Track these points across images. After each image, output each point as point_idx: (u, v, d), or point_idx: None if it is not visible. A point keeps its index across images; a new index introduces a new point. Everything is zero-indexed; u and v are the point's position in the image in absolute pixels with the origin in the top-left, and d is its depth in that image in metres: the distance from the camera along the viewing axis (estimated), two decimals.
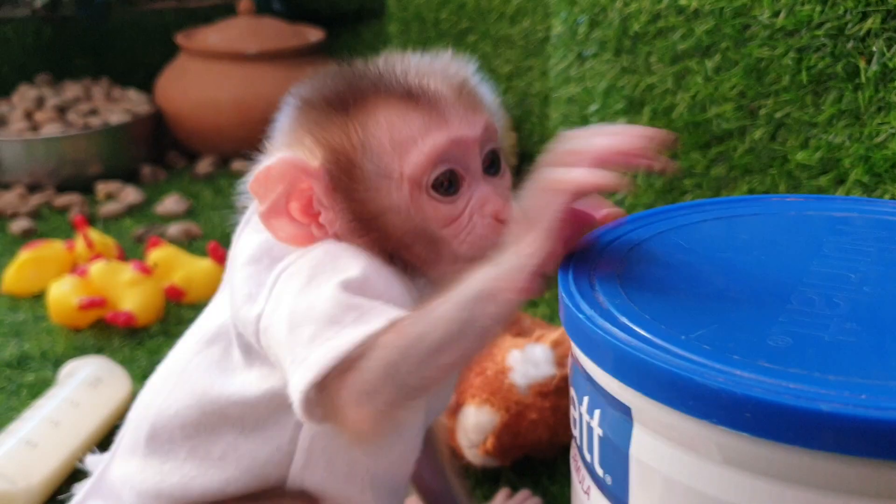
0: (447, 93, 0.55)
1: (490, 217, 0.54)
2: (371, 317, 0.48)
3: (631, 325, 0.39)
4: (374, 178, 0.53)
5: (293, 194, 0.54)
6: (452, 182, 0.54)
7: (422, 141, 0.53)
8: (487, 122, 0.55)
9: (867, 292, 0.41)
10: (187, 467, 0.57)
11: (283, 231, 0.54)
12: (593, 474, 0.42)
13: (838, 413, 0.31)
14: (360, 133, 0.53)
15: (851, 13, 0.78)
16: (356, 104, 0.54)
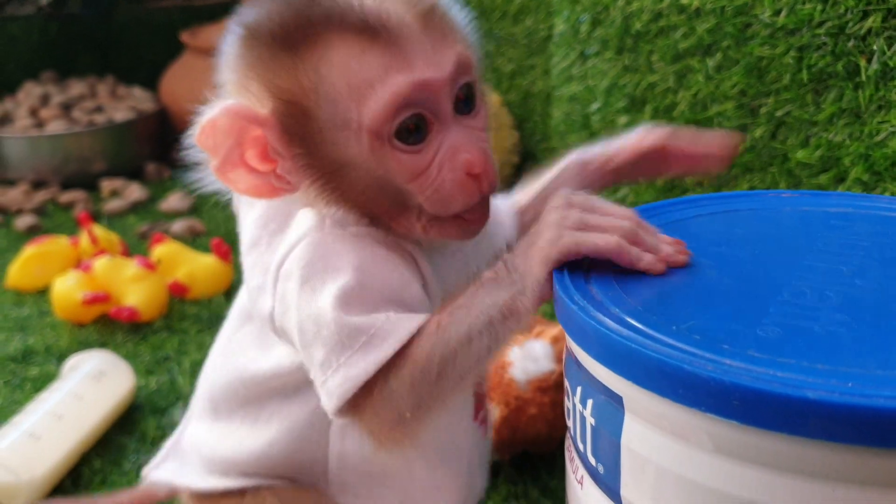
0: (411, 23, 0.48)
1: (461, 170, 0.49)
2: (379, 340, 0.47)
3: (623, 316, 0.39)
4: (329, 128, 0.48)
5: (245, 143, 0.50)
6: (419, 127, 0.48)
7: (381, 85, 0.47)
8: (459, 56, 0.49)
9: (859, 285, 0.41)
10: (240, 431, 0.59)
11: (241, 183, 0.51)
12: (586, 463, 0.43)
13: (825, 401, 0.31)
14: (312, 77, 0.47)
15: (852, 12, 0.78)
16: (306, 41, 0.48)
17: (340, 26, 0.47)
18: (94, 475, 0.84)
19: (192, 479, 0.61)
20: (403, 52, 0.47)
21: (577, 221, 0.44)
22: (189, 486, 0.61)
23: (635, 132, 0.62)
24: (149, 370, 1.03)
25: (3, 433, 0.82)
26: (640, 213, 0.51)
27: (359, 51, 0.47)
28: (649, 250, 0.44)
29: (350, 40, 0.47)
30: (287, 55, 0.48)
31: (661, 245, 0.44)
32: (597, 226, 0.44)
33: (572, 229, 0.44)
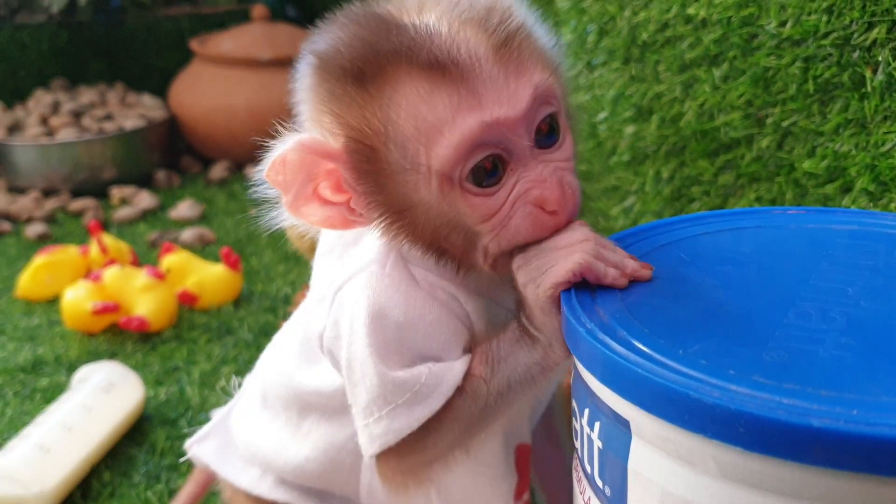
0: (484, 56, 0.45)
1: (533, 205, 0.46)
2: (423, 396, 0.48)
3: (630, 339, 0.39)
4: (398, 170, 0.46)
5: (318, 176, 0.49)
6: (496, 167, 0.46)
7: (449, 128, 0.44)
8: (538, 87, 0.46)
9: (864, 307, 0.41)
10: (283, 433, 0.60)
11: (314, 216, 0.50)
12: (593, 485, 0.43)
13: (829, 428, 0.31)
14: (381, 118, 0.46)
15: (857, 23, 0.78)
16: (375, 78, 0.46)
17: (409, 63, 0.45)
18: (104, 487, 0.84)
19: (235, 472, 0.62)
20: (473, 89, 0.44)
21: (542, 264, 0.46)
22: (231, 479, 0.63)
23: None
24: (158, 381, 1.04)
25: (13, 445, 0.83)
26: (646, 232, 0.52)
27: (427, 90, 0.45)
28: (614, 266, 0.45)
29: (418, 79, 0.45)
30: (357, 91, 0.46)
31: (624, 261, 0.46)
32: (558, 257, 0.45)
33: (541, 273, 0.45)
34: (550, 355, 0.47)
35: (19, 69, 1.96)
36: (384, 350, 0.49)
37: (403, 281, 0.50)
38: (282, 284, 1.30)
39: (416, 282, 0.51)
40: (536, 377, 0.48)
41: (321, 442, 0.58)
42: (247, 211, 0.60)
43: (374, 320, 0.49)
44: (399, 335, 0.49)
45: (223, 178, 1.80)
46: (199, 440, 0.66)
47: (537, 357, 0.47)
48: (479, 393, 0.48)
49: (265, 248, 1.44)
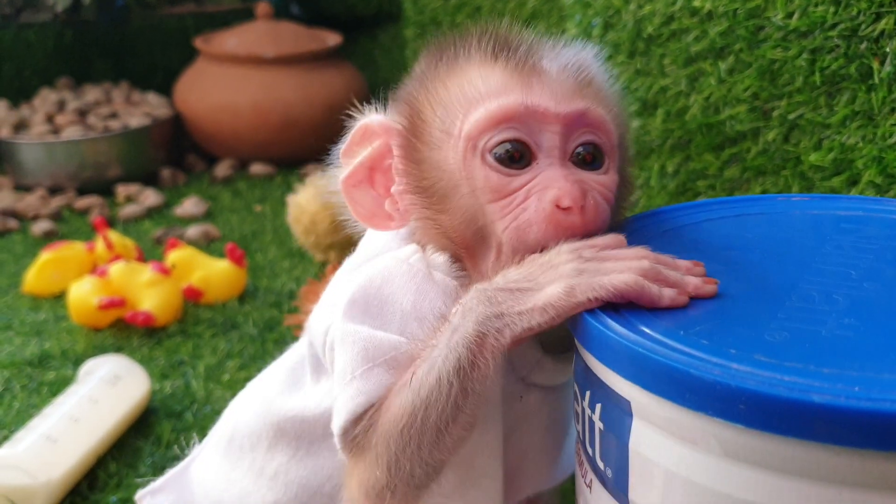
0: (546, 64, 0.48)
1: (548, 201, 0.45)
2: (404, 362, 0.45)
3: (631, 320, 0.39)
4: (436, 133, 0.48)
5: (378, 162, 0.51)
6: (523, 156, 0.46)
7: (490, 99, 0.47)
8: (588, 109, 0.47)
9: (867, 288, 0.41)
10: (245, 482, 0.57)
11: (362, 205, 0.51)
12: (595, 468, 0.43)
13: (830, 404, 0.31)
14: (439, 88, 0.49)
15: (865, 14, 0.78)
16: (447, 62, 0.50)
17: (477, 51, 0.49)
18: (110, 478, 0.84)
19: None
20: (526, 79, 0.47)
21: (592, 269, 0.42)
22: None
23: None
24: (164, 374, 1.04)
25: (21, 436, 0.83)
26: (649, 218, 0.52)
27: (486, 69, 0.48)
28: (673, 285, 0.42)
29: (481, 62, 0.49)
30: (429, 75, 0.50)
31: (686, 279, 0.42)
32: (612, 268, 0.42)
33: (587, 276, 0.42)
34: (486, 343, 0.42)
35: (25, 68, 1.97)
36: (379, 322, 0.47)
37: (420, 273, 0.49)
38: (286, 280, 1.30)
39: (433, 279, 0.49)
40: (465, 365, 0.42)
41: (293, 486, 0.55)
42: (251, 208, 0.60)
43: (376, 296, 0.48)
44: (402, 322, 0.47)
45: (228, 175, 1.81)
46: (152, 492, 0.63)
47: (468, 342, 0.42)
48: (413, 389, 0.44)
49: (270, 245, 1.44)
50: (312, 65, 1.86)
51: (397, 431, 0.44)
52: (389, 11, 2.04)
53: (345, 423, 0.46)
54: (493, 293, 0.43)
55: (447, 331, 0.43)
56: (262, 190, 1.73)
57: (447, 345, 0.43)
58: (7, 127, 1.76)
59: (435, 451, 0.44)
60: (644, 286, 0.41)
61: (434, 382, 0.42)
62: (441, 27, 1.72)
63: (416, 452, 0.44)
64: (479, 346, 0.42)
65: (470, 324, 0.42)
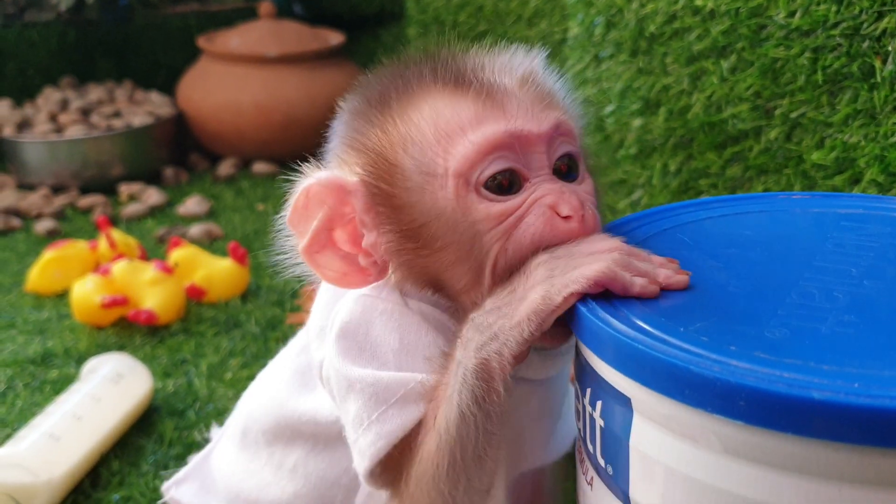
0: (508, 83, 0.47)
1: (547, 208, 0.45)
2: (415, 397, 0.46)
3: (632, 318, 0.39)
4: (415, 176, 0.46)
5: (336, 221, 0.48)
6: (513, 183, 0.46)
7: (472, 131, 0.45)
8: (559, 121, 0.47)
9: (867, 286, 0.41)
10: (264, 472, 0.57)
11: (329, 268, 0.49)
12: (596, 465, 0.43)
13: (830, 401, 0.31)
14: (401, 127, 0.46)
15: (867, 13, 0.78)
16: (400, 98, 0.47)
17: (434, 81, 0.47)
18: (113, 476, 0.85)
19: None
20: (499, 104, 0.46)
21: (563, 265, 0.43)
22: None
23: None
24: (166, 373, 1.04)
25: (23, 434, 0.83)
26: (650, 216, 0.52)
27: (451, 100, 0.46)
28: (644, 275, 0.42)
29: (443, 92, 0.47)
30: (380, 113, 0.48)
31: (656, 270, 0.43)
32: (584, 260, 0.42)
33: (560, 274, 0.42)
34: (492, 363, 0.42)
35: (28, 67, 1.97)
36: (376, 362, 0.47)
37: (397, 307, 0.49)
38: (289, 279, 1.30)
39: (410, 309, 0.49)
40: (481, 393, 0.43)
41: (311, 478, 0.55)
42: (254, 207, 0.59)
43: (365, 345, 0.48)
44: (399, 361, 0.47)
45: (230, 174, 1.81)
46: (177, 483, 0.64)
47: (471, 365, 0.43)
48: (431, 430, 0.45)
49: (272, 243, 1.44)
50: (315, 64, 1.87)
51: (443, 473, 0.44)
52: (392, 10, 2.04)
53: (370, 467, 0.46)
54: (483, 318, 0.44)
55: (453, 367, 0.44)
56: (264, 189, 1.73)
57: (458, 380, 0.43)
58: (10, 126, 1.77)
59: (483, 476, 0.45)
60: (616, 272, 0.41)
61: (459, 418, 0.43)
62: (443, 26, 1.72)
63: (467, 485, 0.45)
64: (487, 373, 0.43)
65: (471, 354, 0.43)
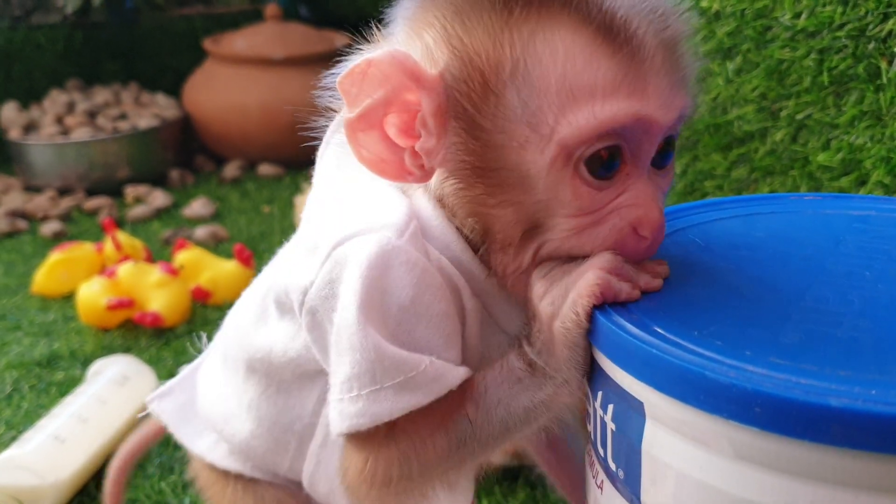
0: (657, 51, 0.40)
1: (628, 224, 0.42)
2: (415, 386, 0.42)
3: (645, 321, 0.39)
4: (512, 118, 0.39)
5: (394, 105, 0.42)
6: (613, 161, 0.41)
7: (603, 100, 0.39)
8: (685, 108, 0.42)
9: (882, 289, 0.41)
10: (231, 402, 0.56)
11: (368, 150, 0.43)
12: (606, 469, 0.43)
13: (847, 408, 0.31)
14: (519, 49, 0.39)
15: (873, 14, 0.77)
16: (527, 10, 0.39)
17: (578, 13, 0.39)
18: None
19: (191, 436, 0.59)
20: (643, 77, 0.39)
21: (562, 293, 0.41)
22: (186, 443, 0.59)
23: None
24: (172, 374, 1.02)
25: (29, 436, 0.83)
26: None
27: (592, 49, 0.38)
28: (627, 279, 0.41)
29: (584, 33, 0.38)
30: (494, 12, 0.39)
31: (638, 275, 0.42)
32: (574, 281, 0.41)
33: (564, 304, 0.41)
34: (561, 395, 0.42)
35: (35, 69, 1.98)
36: (382, 325, 0.43)
37: (420, 261, 0.43)
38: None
39: (431, 263, 0.44)
40: (539, 418, 0.43)
41: (265, 421, 0.53)
42: (259, 209, 0.59)
43: (376, 291, 0.42)
44: (400, 318, 0.43)
45: (236, 176, 1.81)
46: (160, 396, 0.60)
47: (543, 397, 0.43)
48: (461, 430, 0.44)
49: (277, 245, 1.43)
50: (321, 66, 1.83)
51: (443, 459, 0.44)
52: None
53: (344, 432, 0.44)
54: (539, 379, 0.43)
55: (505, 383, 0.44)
56: (270, 191, 1.73)
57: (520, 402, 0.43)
58: (17, 128, 1.77)
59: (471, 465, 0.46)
60: (608, 280, 0.40)
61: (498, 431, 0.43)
62: None
63: (455, 468, 0.45)
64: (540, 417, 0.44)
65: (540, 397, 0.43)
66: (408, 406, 0.43)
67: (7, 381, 1.04)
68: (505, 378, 0.43)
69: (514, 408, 0.43)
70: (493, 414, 0.43)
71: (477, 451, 0.44)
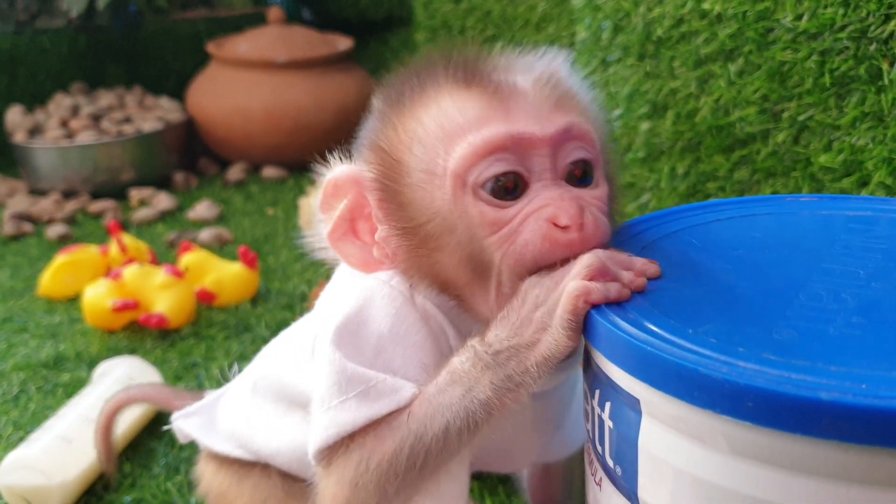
0: (520, 83, 0.47)
1: (544, 220, 0.45)
2: (376, 395, 0.47)
3: (640, 319, 0.40)
4: (417, 174, 0.47)
5: (357, 212, 0.50)
6: (517, 186, 0.46)
7: (472, 132, 0.45)
8: (572, 124, 0.46)
9: (876, 288, 0.42)
10: (261, 423, 0.61)
11: (351, 256, 0.51)
12: (604, 466, 0.43)
13: (838, 402, 0.32)
14: (411, 124, 0.47)
15: (874, 16, 0.78)
16: (413, 96, 0.48)
17: (446, 81, 0.47)
18: (125, 478, 0.85)
19: (213, 441, 0.65)
20: (504, 105, 0.46)
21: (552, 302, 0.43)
22: (210, 446, 0.65)
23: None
24: (177, 376, 1.05)
25: (36, 437, 0.84)
26: (658, 219, 0.52)
27: (459, 101, 0.46)
28: (614, 279, 0.42)
29: (453, 91, 0.47)
30: (394, 112, 0.49)
31: (620, 273, 0.43)
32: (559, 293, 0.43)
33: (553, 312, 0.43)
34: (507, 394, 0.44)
35: (39, 73, 1.99)
36: (353, 347, 0.48)
37: (401, 296, 0.50)
38: (298, 282, 1.31)
39: (414, 303, 0.50)
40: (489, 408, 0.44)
41: (297, 440, 0.57)
42: (263, 211, 0.61)
43: (354, 319, 0.49)
44: (378, 346, 0.48)
45: (240, 179, 1.82)
46: (185, 415, 0.69)
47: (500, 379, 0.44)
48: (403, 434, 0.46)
49: (282, 248, 1.45)
50: (324, 69, 1.87)
51: (392, 472, 0.46)
52: (400, 16, 2.05)
53: (318, 449, 0.48)
54: (493, 357, 0.44)
55: (453, 381, 0.45)
56: (274, 193, 1.74)
57: (457, 398, 0.45)
58: (22, 131, 1.78)
59: (427, 479, 0.47)
60: (590, 289, 0.42)
61: (442, 432, 0.45)
62: (451, 31, 1.73)
63: (410, 484, 0.46)
64: (499, 405, 0.44)
65: (485, 389, 0.44)
66: (368, 416, 0.46)
67: (14, 382, 1.04)
68: (444, 382, 0.46)
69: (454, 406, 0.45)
70: (434, 416, 0.45)
71: (425, 456, 0.45)
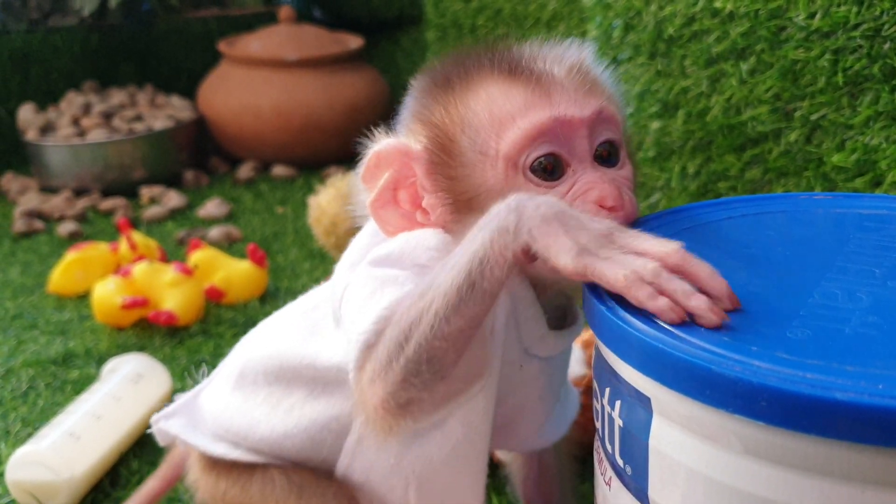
0: (556, 72, 0.52)
1: (592, 202, 0.49)
2: (402, 282, 0.49)
3: (652, 317, 0.39)
4: (470, 154, 0.51)
5: (400, 182, 0.54)
6: (556, 167, 0.51)
7: (521, 118, 0.50)
8: (602, 107, 0.52)
9: (891, 287, 0.41)
10: (258, 411, 0.61)
11: (391, 224, 0.54)
12: (614, 465, 0.43)
13: (854, 402, 0.31)
14: (461, 108, 0.52)
15: (888, 14, 0.77)
16: (461, 82, 0.53)
17: (491, 69, 0.53)
18: (132, 475, 0.85)
19: (203, 442, 0.62)
20: (545, 91, 0.51)
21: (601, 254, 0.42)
22: (202, 448, 0.62)
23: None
24: (185, 373, 1.05)
25: (45, 433, 0.84)
26: (670, 216, 0.51)
27: (505, 88, 0.52)
28: (670, 294, 0.40)
29: (498, 80, 0.52)
30: (443, 94, 0.53)
31: (688, 296, 0.39)
32: (613, 260, 0.41)
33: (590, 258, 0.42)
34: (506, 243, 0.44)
35: (52, 71, 1.99)
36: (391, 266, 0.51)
37: (442, 244, 0.52)
38: (307, 281, 1.31)
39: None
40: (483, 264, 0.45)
41: (304, 420, 0.58)
42: (273, 209, 0.61)
43: (396, 252, 0.52)
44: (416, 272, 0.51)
45: (250, 177, 1.82)
46: (165, 416, 0.66)
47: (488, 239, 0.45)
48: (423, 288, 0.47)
49: (291, 246, 1.45)
50: (334, 68, 1.87)
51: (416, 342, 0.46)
52: (411, 14, 2.05)
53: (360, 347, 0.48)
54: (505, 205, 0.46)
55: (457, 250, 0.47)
56: (283, 191, 1.74)
57: (458, 259, 0.46)
58: (34, 129, 1.79)
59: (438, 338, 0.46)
60: (630, 288, 0.40)
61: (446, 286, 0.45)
62: (462, 30, 1.72)
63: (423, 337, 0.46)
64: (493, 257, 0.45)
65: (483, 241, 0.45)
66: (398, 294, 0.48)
67: (23, 378, 1.05)
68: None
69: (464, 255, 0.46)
70: (439, 274, 0.46)
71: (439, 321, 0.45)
